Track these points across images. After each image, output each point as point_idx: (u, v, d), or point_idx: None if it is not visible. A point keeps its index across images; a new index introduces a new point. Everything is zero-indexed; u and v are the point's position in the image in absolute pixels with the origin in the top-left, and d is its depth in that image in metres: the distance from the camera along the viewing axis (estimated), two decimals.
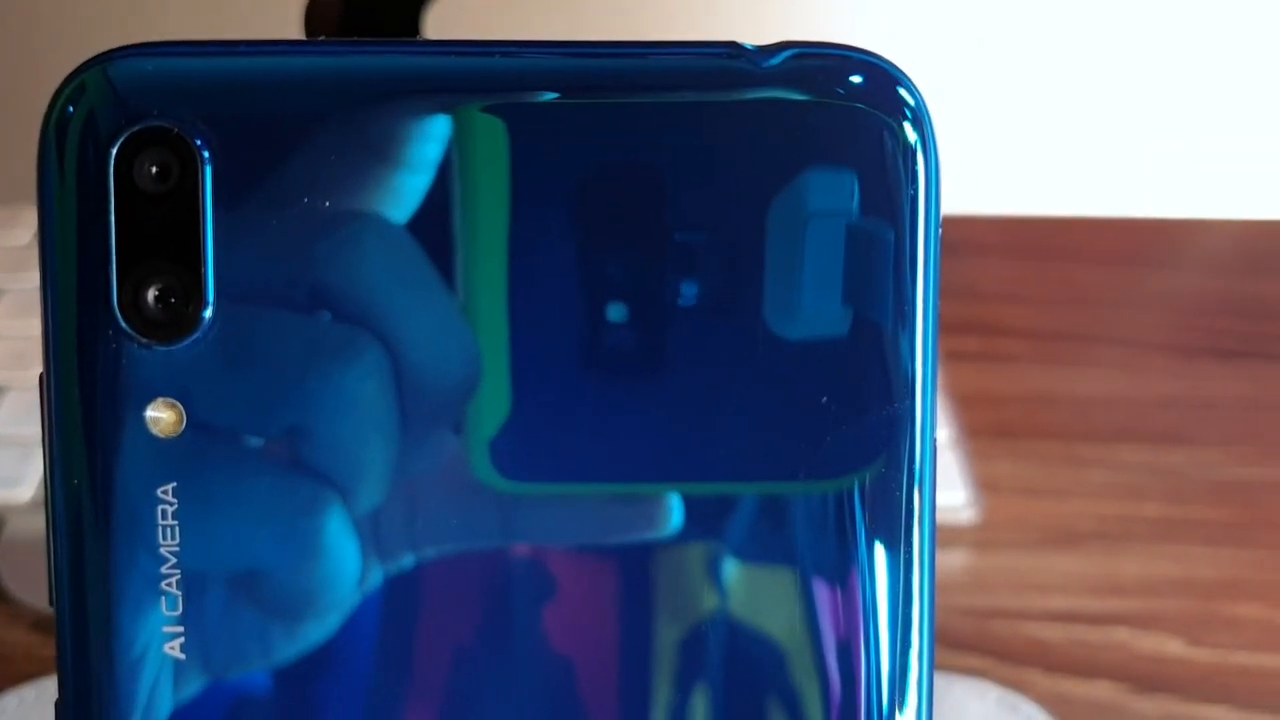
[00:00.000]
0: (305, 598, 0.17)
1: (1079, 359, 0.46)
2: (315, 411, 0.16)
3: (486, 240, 0.16)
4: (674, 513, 0.17)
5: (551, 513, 0.17)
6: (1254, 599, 0.37)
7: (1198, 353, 0.46)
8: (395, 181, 0.16)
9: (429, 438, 0.17)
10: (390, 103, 0.16)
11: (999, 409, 0.43)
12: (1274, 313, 0.48)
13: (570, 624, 0.17)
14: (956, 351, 0.45)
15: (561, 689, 0.17)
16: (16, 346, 0.40)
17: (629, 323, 0.17)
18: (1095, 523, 0.39)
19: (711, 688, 0.17)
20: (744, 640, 0.17)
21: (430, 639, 0.17)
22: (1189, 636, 0.36)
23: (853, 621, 0.17)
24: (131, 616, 0.16)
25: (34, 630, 0.34)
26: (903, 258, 0.17)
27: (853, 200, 0.16)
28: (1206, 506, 0.40)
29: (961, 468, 0.39)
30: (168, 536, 0.16)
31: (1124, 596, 0.37)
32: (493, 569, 0.17)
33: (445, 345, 0.16)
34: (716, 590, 0.17)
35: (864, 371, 0.17)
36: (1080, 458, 0.41)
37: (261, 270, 0.16)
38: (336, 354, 0.16)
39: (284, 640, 0.17)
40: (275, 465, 0.16)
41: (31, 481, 0.36)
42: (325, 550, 0.17)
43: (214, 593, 0.17)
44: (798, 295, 0.16)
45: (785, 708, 0.17)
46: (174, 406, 0.16)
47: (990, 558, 0.38)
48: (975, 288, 0.49)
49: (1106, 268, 0.51)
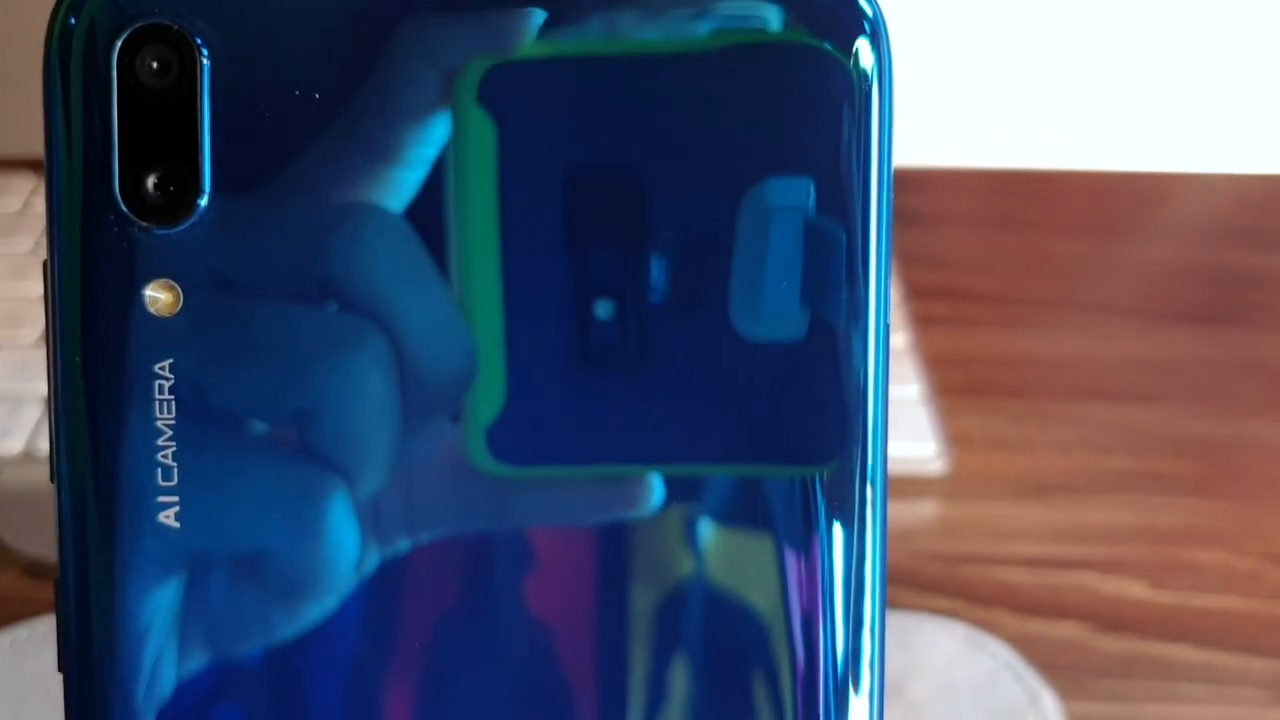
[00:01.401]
0: (308, 576, 0.18)
1: (1047, 323, 0.47)
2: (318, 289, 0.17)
3: (479, 235, 0.17)
4: (654, 492, 0.18)
5: (542, 495, 0.18)
6: (1214, 545, 0.38)
7: (1164, 318, 0.47)
8: (389, 80, 0.17)
9: (428, 426, 0.17)
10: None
11: (968, 369, 0.44)
12: (1239, 280, 0.49)
13: (555, 596, 0.18)
14: (927, 315, 0.46)
15: (545, 656, 0.18)
16: (6, 307, 0.41)
17: (615, 314, 0.17)
18: (1062, 475, 0.40)
19: (684, 653, 0.18)
20: (716, 609, 0.18)
21: (423, 615, 0.18)
22: (1151, 580, 0.37)
23: (813, 599, 0.18)
24: (133, 492, 0.17)
25: (26, 575, 0.34)
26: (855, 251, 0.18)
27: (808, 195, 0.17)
28: (1170, 460, 0.41)
29: (931, 422, 0.40)
30: (164, 411, 0.17)
31: (1089, 543, 0.38)
32: (484, 549, 0.18)
33: (445, 336, 0.17)
34: (690, 562, 0.18)
35: (821, 368, 0.18)
36: (1048, 415, 0.42)
37: (255, 162, 0.17)
38: (339, 228, 0.17)
39: (284, 618, 0.18)
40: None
41: (22, 434, 0.37)
42: (328, 526, 0.17)
43: (218, 571, 0.17)
44: (762, 289, 0.17)
45: (752, 676, 0.18)
46: (172, 287, 0.17)
47: (959, 507, 0.39)
48: (947, 256, 0.50)
49: (1076, 238, 0.52)
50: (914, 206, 0.52)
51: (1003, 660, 0.33)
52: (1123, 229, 0.52)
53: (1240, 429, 0.42)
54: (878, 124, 0.17)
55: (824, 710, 0.18)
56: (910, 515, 0.38)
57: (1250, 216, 0.53)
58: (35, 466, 0.36)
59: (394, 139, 0.17)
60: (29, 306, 0.41)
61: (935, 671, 0.33)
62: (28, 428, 0.37)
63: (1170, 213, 0.54)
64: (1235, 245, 0.51)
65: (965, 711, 0.32)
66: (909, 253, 0.49)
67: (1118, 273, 0.49)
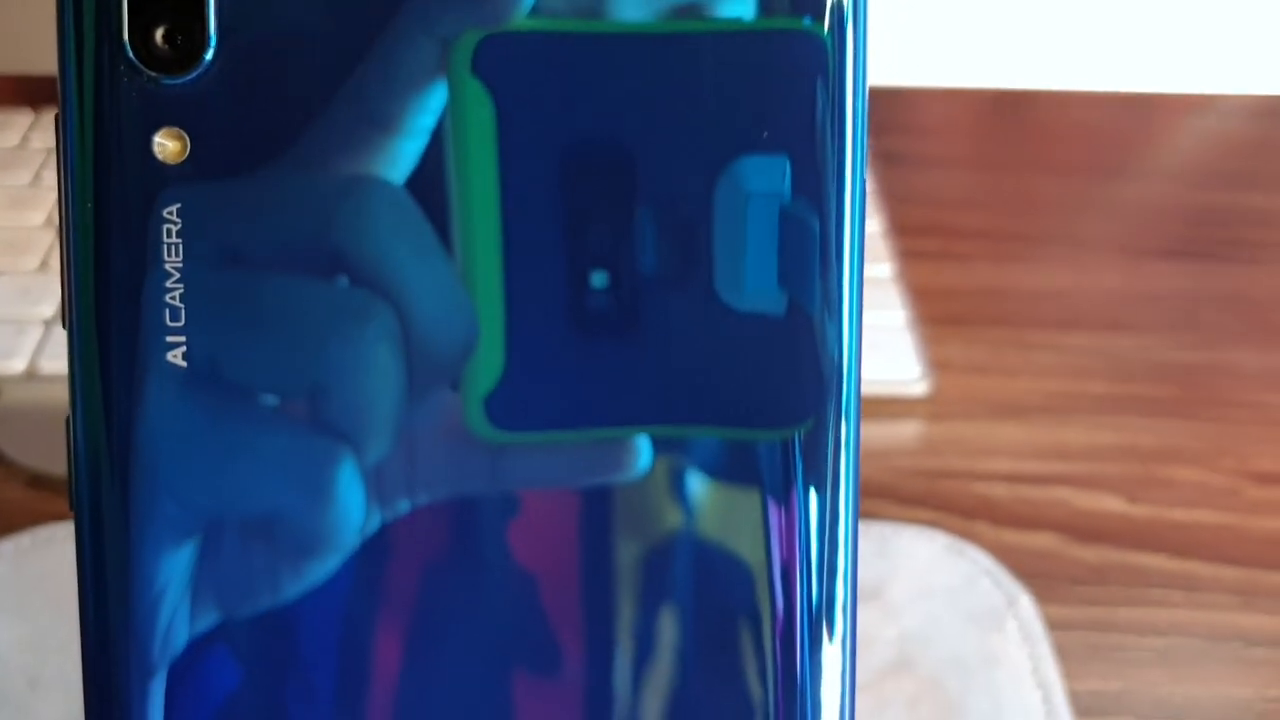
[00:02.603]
0: (317, 537, 0.18)
1: (1031, 258, 0.47)
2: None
3: (479, 206, 0.18)
4: (642, 456, 0.19)
5: (536, 459, 0.19)
6: (1189, 464, 0.39)
7: (1145, 253, 0.48)
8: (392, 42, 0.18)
9: (430, 394, 0.18)
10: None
11: (952, 300, 0.45)
12: (1218, 218, 0.50)
13: (546, 550, 0.19)
14: (915, 251, 0.47)
15: (534, 605, 0.19)
16: (8, 236, 0.42)
17: (607, 285, 0.18)
18: (1042, 398, 0.41)
19: (670, 601, 0.19)
20: (699, 560, 0.19)
21: (420, 573, 0.19)
22: (1128, 495, 0.38)
23: (791, 550, 0.19)
24: (146, 332, 0.18)
25: (29, 487, 0.35)
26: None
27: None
28: (1148, 384, 0.42)
29: (915, 347, 0.41)
30: (172, 254, 0.18)
31: (1067, 461, 0.38)
32: (480, 510, 0.19)
33: (449, 309, 0.18)
34: (675, 516, 0.19)
35: (799, 337, 0.19)
36: (1029, 343, 0.43)
37: (257, 14, 0.18)
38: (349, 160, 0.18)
39: (291, 578, 0.18)
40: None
41: (25, 355, 0.37)
42: (337, 494, 0.18)
43: (230, 533, 0.18)
44: (745, 262, 0.18)
45: (734, 623, 0.19)
46: (179, 136, 0.18)
47: (941, 427, 0.40)
48: (936, 196, 0.51)
49: (1062, 178, 0.52)
50: (903, 148, 0.53)
51: (981, 566, 0.34)
52: (1106, 171, 0.53)
53: (1217, 356, 0.43)
54: (852, 97, 0.18)
55: (800, 654, 0.19)
56: (892, 434, 0.39)
57: (1229, 159, 0.54)
58: (38, 385, 0.37)
59: (394, 103, 0.18)
60: (30, 235, 0.42)
61: (914, 575, 0.34)
62: (30, 348, 0.38)
63: (1152, 155, 0.55)
64: (1214, 186, 0.52)
65: (943, 613, 0.33)
66: (898, 192, 0.50)
67: (1100, 212, 0.50)
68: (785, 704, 0.19)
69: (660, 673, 0.19)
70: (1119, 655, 0.33)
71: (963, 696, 0.31)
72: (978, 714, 0.30)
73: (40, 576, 0.32)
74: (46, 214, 0.43)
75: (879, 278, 0.43)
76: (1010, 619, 0.33)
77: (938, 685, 0.31)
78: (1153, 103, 0.58)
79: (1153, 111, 0.57)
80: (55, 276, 0.40)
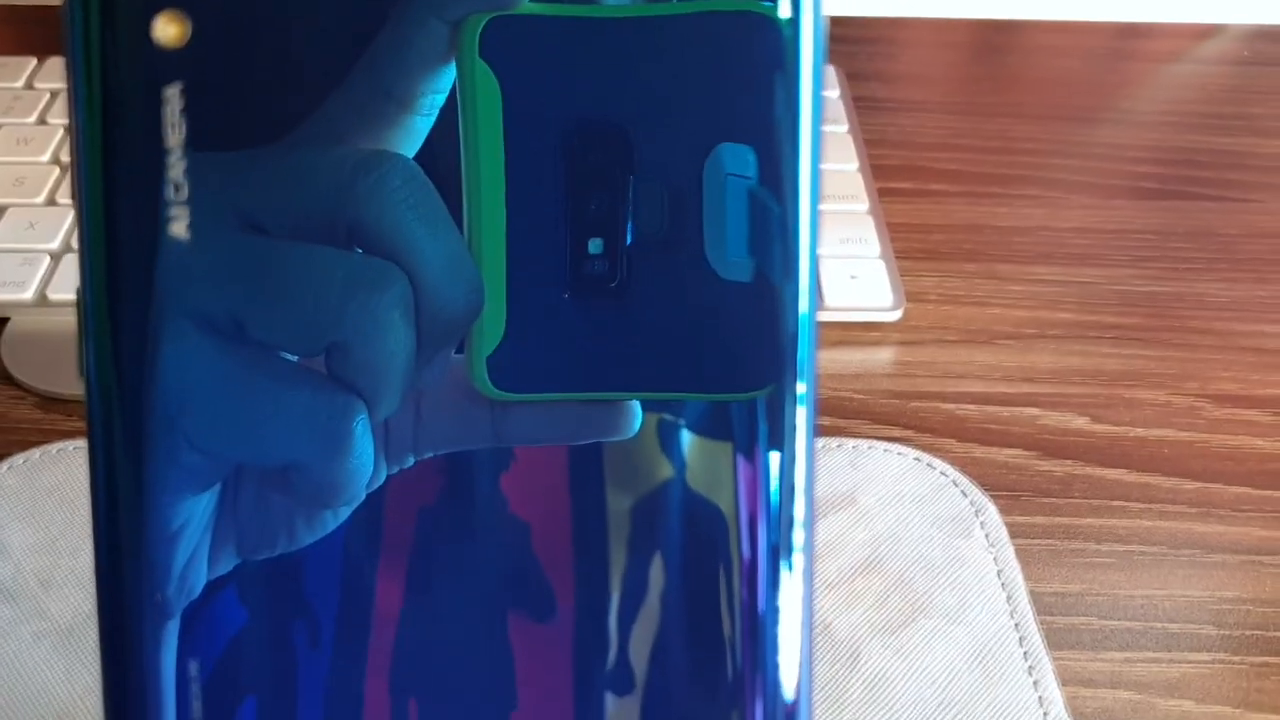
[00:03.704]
0: (334, 487, 0.19)
1: (1004, 198, 0.49)
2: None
3: (487, 179, 0.19)
4: (635, 418, 0.20)
5: (535, 418, 0.20)
6: (1153, 386, 0.40)
7: (1116, 192, 0.49)
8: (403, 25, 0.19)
9: (438, 355, 0.19)
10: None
11: (927, 236, 0.46)
12: (1190, 161, 0.51)
13: (539, 499, 0.20)
14: (892, 190, 0.48)
15: (526, 549, 0.20)
16: (15, 171, 0.43)
17: (600, 256, 0.20)
18: (1012, 326, 0.42)
19: (653, 546, 0.21)
20: (680, 508, 0.21)
21: (424, 523, 0.20)
22: (1093, 415, 0.39)
23: (755, 499, 0.20)
24: (135, 209, 0.19)
25: (38, 408, 0.37)
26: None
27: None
28: (1115, 314, 0.43)
29: (889, 278, 0.42)
30: (175, 132, 0.19)
31: (1035, 383, 0.40)
32: (481, 464, 0.20)
33: (456, 277, 0.19)
34: (661, 470, 0.20)
35: (763, 308, 0.20)
36: (1000, 275, 0.44)
37: None
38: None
39: (305, 526, 0.20)
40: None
41: (32, 284, 0.39)
42: (353, 447, 0.19)
43: (249, 482, 0.19)
44: (724, 237, 0.20)
45: (708, 561, 0.21)
46: (180, 20, 0.19)
47: (913, 353, 0.41)
48: (913, 139, 0.52)
49: (1036, 123, 0.54)
50: (881, 94, 0.55)
51: (949, 478, 0.35)
52: (1079, 116, 0.54)
53: (1184, 288, 0.44)
54: (809, 77, 0.19)
55: (764, 590, 0.20)
56: (867, 359, 0.41)
57: (1199, 105, 0.55)
58: (46, 313, 0.39)
59: (409, 83, 0.19)
60: (36, 171, 0.43)
61: (885, 485, 0.35)
62: (37, 278, 0.39)
63: (1125, 101, 0.56)
64: (1185, 129, 0.53)
65: (912, 518, 0.34)
66: (876, 136, 0.51)
67: (1072, 154, 0.52)
68: (751, 633, 0.20)
69: (641, 610, 0.20)
70: (1081, 560, 0.34)
71: (929, 593, 0.32)
72: (943, 609, 0.32)
73: (51, 488, 0.33)
74: (51, 152, 0.45)
75: (856, 211, 0.45)
76: (976, 526, 0.34)
77: (905, 583, 0.32)
78: (1128, 51, 0.59)
79: (1127, 59, 0.59)
80: (61, 211, 0.42)
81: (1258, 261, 0.46)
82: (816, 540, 0.31)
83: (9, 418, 0.37)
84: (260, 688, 0.20)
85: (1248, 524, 0.36)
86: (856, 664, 0.30)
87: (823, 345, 0.41)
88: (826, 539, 0.33)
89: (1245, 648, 0.32)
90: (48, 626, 0.30)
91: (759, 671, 0.20)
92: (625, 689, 0.21)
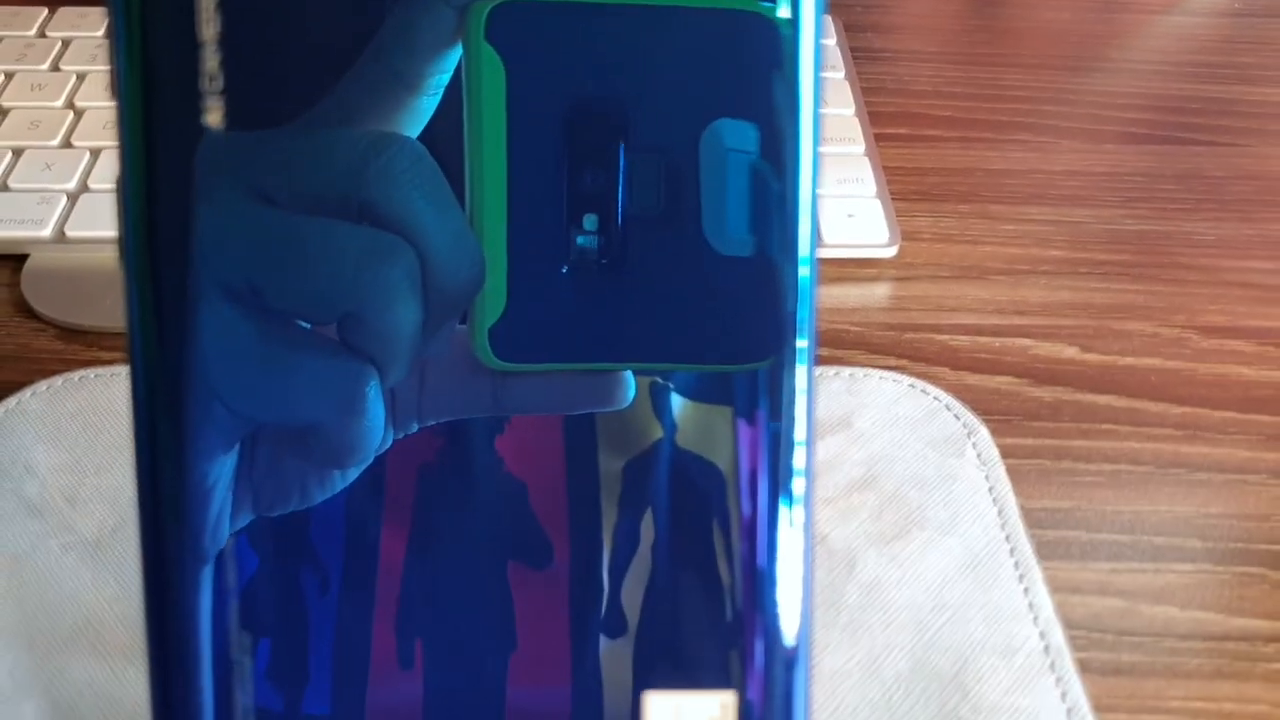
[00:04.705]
0: (345, 448, 0.21)
1: (997, 143, 0.50)
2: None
3: (489, 158, 0.20)
4: (630, 389, 0.21)
5: (533, 387, 0.21)
6: (1142, 318, 0.41)
7: (1107, 138, 0.50)
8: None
9: (443, 327, 0.21)
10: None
11: (922, 179, 0.47)
12: (1182, 108, 0.52)
13: (536, 460, 0.21)
14: (887, 136, 0.49)
15: (524, 506, 0.22)
16: (30, 115, 0.44)
17: (598, 231, 0.21)
18: (1004, 262, 0.43)
19: (655, 504, 0.22)
20: (681, 468, 0.22)
21: (426, 485, 0.21)
22: (1083, 345, 0.40)
23: (756, 459, 0.21)
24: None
25: (58, 339, 0.38)
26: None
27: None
28: (1105, 251, 0.44)
29: (885, 216, 0.43)
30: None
31: (1026, 316, 0.41)
32: (483, 430, 0.21)
33: (459, 252, 0.20)
34: (658, 432, 0.21)
35: (765, 283, 0.21)
36: (993, 215, 0.45)
37: None
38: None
39: (317, 485, 0.21)
40: None
41: (50, 222, 0.40)
42: (366, 409, 0.21)
43: (267, 441, 0.21)
44: (723, 217, 0.21)
45: (710, 522, 0.22)
46: None
47: (908, 288, 0.42)
48: (908, 87, 0.53)
49: (1031, 72, 0.55)
50: (877, 45, 0.56)
51: (943, 402, 0.37)
52: (1073, 66, 0.55)
53: (1172, 227, 0.45)
54: (809, 71, 0.20)
55: (763, 537, 0.22)
56: (864, 294, 0.42)
57: (1192, 54, 0.56)
58: (64, 249, 0.40)
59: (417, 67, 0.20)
60: (50, 115, 0.45)
61: (880, 409, 0.36)
62: (55, 216, 0.40)
63: (1118, 51, 0.57)
64: (1177, 78, 0.54)
65: (907, 439, 0.35)
66: (872, 85, 0.52)
67: (1065, 102, 0.53)
68: (750, 578, 0.22)
69: (636, 555, 0.22)
70: (1070, 479, 0.35)
71: (923, 507, 0.33)
72: (936, 522, 0.33)
73: (74, 412, 0.34)
74: (65, 97, 0.46)
75: (853, 154, 0.46)
76: (969, 446, 0.35)
77: (899, 498, 0.34)
78: (1119, 3, 0.60)
79: (1119, 11, 0.60)
80: (77, 153, 0.43)
81: (1245, 202, 0.47)
82: (814, 456, 0.32)
83: (31, 348, 0.38)
84: (278, 630, 0.21)
85: (1233, 446, 0.37)
86: (853, 571, 0.32)
87: (821, 281, 0.42)
88: (824, 458, 0.35)
89: (1229, 559, 0.34)
90: (75, 539, 0.31)
91: (759, 614, 0.22)
92: (619, 631, 0.22)
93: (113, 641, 0.29)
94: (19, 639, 0.29)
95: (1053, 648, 0.30)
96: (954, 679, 0.29)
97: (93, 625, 0.29)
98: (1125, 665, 0.31)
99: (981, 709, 0.29)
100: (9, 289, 0.40)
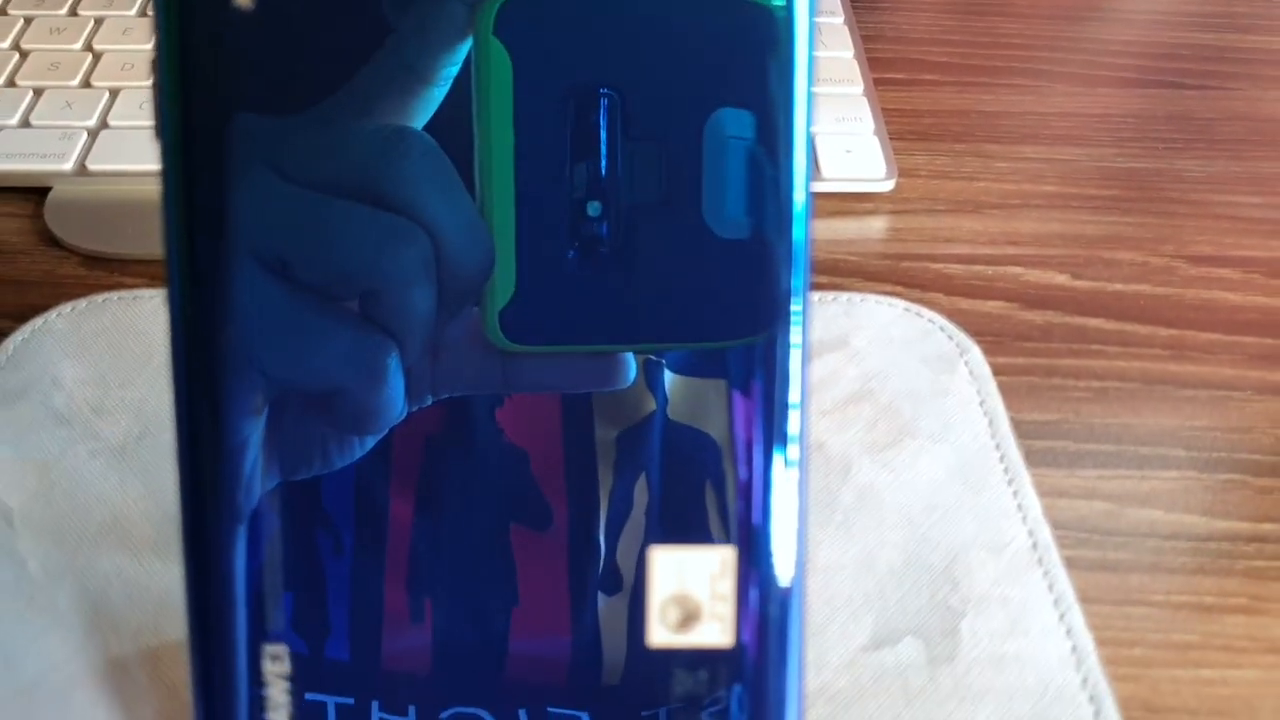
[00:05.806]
0: (366, 416, 0.22)
1: (993, 86, 0.51)
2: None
3: (498, 147, 0.21)
4: (631, 370, 0.22)
5: (540, 367, 0.22)
6: (1131, 248, 0.42)
7: (1100, 82, 0.51)
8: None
9: (457, 309, 0.22)
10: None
11: (918, 120, 0.48)
12: (1174, 55, 0.53)
13: (537, 429, 0.23)
14: (885, 80, 0.50)
15: (527, 475, 0.23)
16: (50, 57, 0.46)
17: (603, 217, 0.22)
18: (998, 197, 0.44)
19: (653, 470, 0.23)
20: (677, 438, 0.23)
21: (437, 455, 0.23)
22: (1073, 273, 0.41)
23: (751, 430, 0.23)
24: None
25: (81, 266, 0.39)
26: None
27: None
28: (1096, 186, 0.45)
29: (884, 151, 0.44)
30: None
31: (1018, 246, 0.42)
32: (487, 403, 0.22)
33: (471, 239, 0.22)
34: (654, 399, 0.23)
35: (760, 263, 0.22)
36: (988, 154, 0.47)
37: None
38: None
39: (338, 452, 0.22)
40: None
41: (71, 156, 0.41)
42: (388, 378, 0.22)
43: (294, 407, 0.22)
44: (723, 201, 0.22)
45: (703, 483, 0.23)
46: None
47: (904, 220, 0.43)
48: (906, 35, 0.54)
49: (1026, 21, 0.56)
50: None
51: (936, 324, 0.38)
52: (1067, 15, 0.56)
53: (1163, 165, 0.46)
54: (804, 58, 0.21)
55: (757, 502, 0.23)
56: (861, 226, 0.43)
57: (1183, 3, 0.57)
58: (85, 181, 0.41)
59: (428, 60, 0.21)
60: (69, 58, 0.46)
61: (875, 329, 0.37)
62: (76, 150, 0.42)
63: (1111, 1, 0.58)
64: (1170, 26, 0.56)
65: (902, 358, 0.36)
66: (872, 33, 0.54)
67: (1059, 49, 0.54)
68: (748, 539, 0.23)
69: (630, 515, 0.23)
70: (1059, 394, 0.37)
71: (915, 418, 0.34)
72: (928, 432, 0.34)
73: (98, 331, 0.36)
74: (84, 40, 0.47)
75: (851, 94, 0.47)
76: (961, 364, 0.36)
77: (894, 410, 0.35)
78: None
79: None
80: (95, 93, 0.44)
81: (1234, 142, 0.48)
82: (810, 375, 0.34)
83: (55, 274, 0.39)
84: (302, 585, 0.23)
85: (1219, 365, 0.38)
86: (848, 476, 0.33)
87: (819, 214, 0.43)
88: (820, 375, 0.36)
89: (1212, 467, 0.35)
90: (100, 446, 0.32)
91: (753, 569, 0.23)
92: (615, 588, 0.23)
93: (139, 536, 0.30)
94: (49, 535, 0.30)
95: (1040, 544, 0.31)
96: (944, 571, 0.31)
97: (120, 523, 0.31)
98: (1110, 562, 0.32)
99: (971, 599, 0.30)
100: (34, 220, 0.41)
